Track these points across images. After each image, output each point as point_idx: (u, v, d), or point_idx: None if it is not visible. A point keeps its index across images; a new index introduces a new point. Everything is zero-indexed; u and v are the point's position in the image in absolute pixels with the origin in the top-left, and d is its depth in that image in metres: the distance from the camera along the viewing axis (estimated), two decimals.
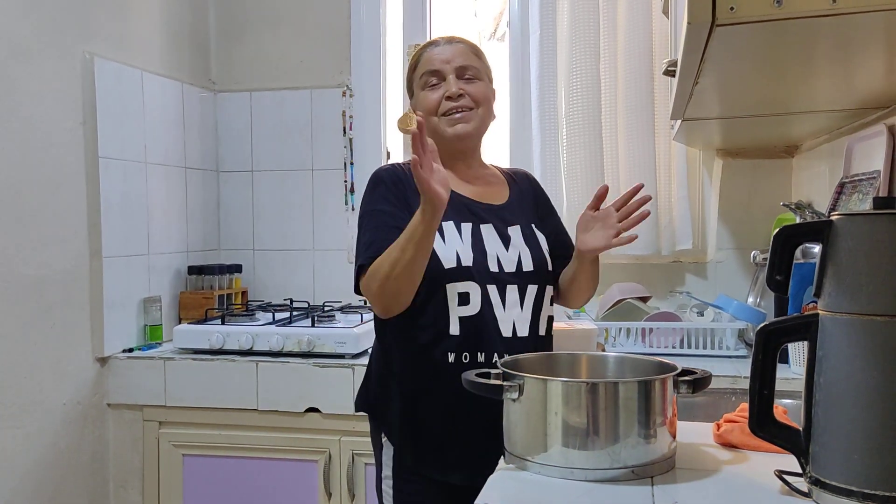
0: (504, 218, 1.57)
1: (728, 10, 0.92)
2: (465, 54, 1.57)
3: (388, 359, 1.55)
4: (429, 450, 1.50)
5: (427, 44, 1.62)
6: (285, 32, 2.78)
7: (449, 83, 1.55)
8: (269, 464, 2.19)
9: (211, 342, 2.24)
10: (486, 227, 1.54)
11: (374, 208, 1.53)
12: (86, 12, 2.20)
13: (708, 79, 1.30)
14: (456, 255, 1.47)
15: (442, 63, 1.56)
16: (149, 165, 2.45)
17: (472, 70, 1.57)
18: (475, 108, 1.56)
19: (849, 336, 0.87)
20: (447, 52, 1.57)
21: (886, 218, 0.86)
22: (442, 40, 1.60)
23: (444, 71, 1.55)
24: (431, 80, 1.56)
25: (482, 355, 1.47)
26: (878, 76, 1.35)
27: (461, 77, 1.56)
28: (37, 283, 2.04)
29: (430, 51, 1.58)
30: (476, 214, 1.55)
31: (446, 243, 1.48)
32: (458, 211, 1.52)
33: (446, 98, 1.54)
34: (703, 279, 2.56)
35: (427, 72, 1.57)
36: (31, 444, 2.03)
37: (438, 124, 1.55)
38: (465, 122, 1.55)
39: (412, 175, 1.37)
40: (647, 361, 1.23)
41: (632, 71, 2.46)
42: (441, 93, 1.55)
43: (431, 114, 1.55)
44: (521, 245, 1.55)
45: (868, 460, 0.85)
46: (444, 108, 1.55)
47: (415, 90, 1.62)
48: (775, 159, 2.47)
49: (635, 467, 1.04)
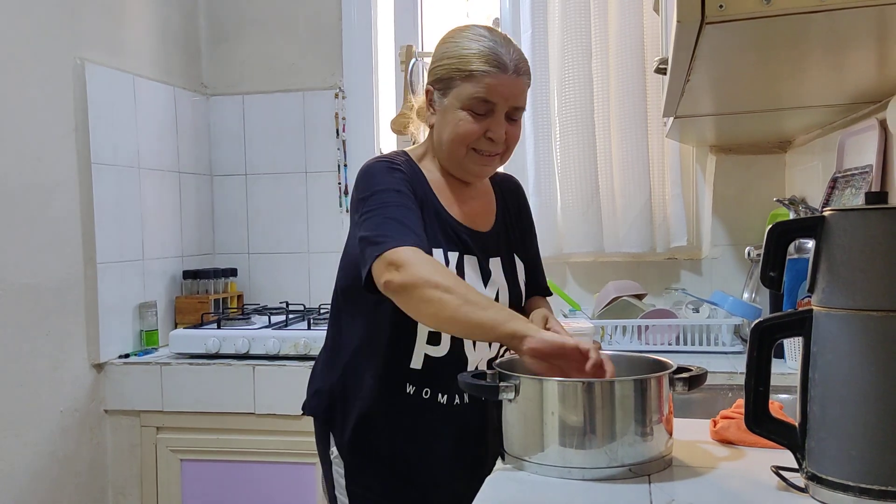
0: (487, 248, 1.44)
1: (717, 7, 0.92)
2: (524, 92, 1.39)
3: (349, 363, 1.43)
4: (377, 472, 1.42)
5: (493, 59, 1.34)
6: (277, 35, 2.78)
7: (498, 124, 1.36)
8: (267, 467, 2.18)
9: (207, 346, 2.24)
10: (470, 260, 1.40)
11: (395, 188, 1.33)
12: (76, 18, 2.20)
13: (699, 76, 1.30)
14: None
15: (501, 98, 1.35)
16: (142, 170, 2.44)
17: (521, 111, 1.40)
18: (504, 152, 1.41)
19: (843, 331, 0.87)
20: (510, 88, 1.35)
21: (879, 213, 0.86)
22: (510, 65, 1.34)
23: (498, 106, 1.35)
24: (479, 108, 1.35)
25: (443, 396, 1.40)
26: (869, 71, 1.35)
27: (509, 116, 1.38)
28: (31, 290, 2.03)
29: (497, 76, 1.34)
30: (463, 243, 1.40)
31: None
32: (447, 237, 1.38)
33: (488, 138, 1.36)
34: (699, 276, 2.56)
35: (480, 98, 1.34)
36: (29, 453, 2.03)
37: (464, 157, 1.38)
38: (489, 166, 1.42)
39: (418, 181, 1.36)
40: (642, 359, 1.23)
41: (623, 68, 2.46)
42: (482, 128, 1.35)
43: (464, 143, 1.37)
44: (501, 281, 1.44)
45: (864, 455, 0.85)
46: (478, 144, 1.37)
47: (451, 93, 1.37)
48: (768, 155, 2.47)
49: (632, 465, 1.05)
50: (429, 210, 1.38)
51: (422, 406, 1.40)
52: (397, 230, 1.26)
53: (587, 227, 2.51)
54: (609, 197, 2.53)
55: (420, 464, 1.43)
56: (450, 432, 1.43)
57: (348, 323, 1.45)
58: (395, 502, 1.45)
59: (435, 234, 1.35)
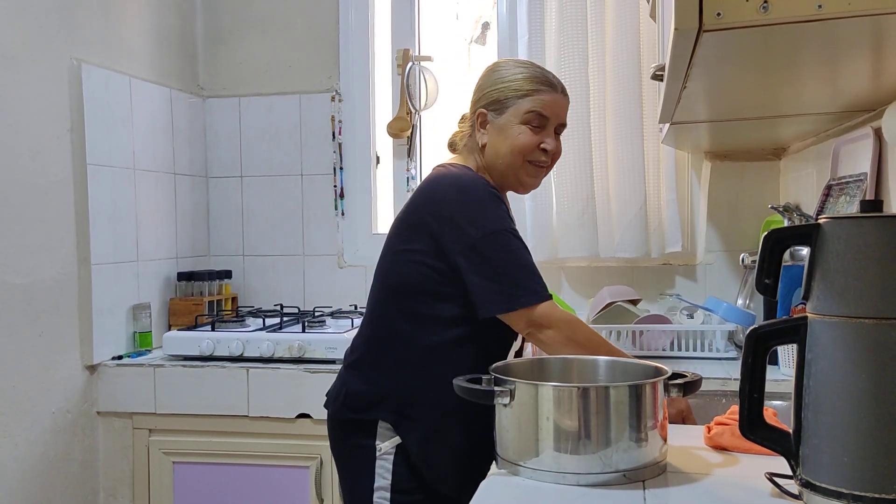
0: None
1: (715, 15, 0.92)
2: (567, 111, 1.59)
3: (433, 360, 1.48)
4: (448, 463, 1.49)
5: (545, 80, 1.55)
6: (274, 37, 2.78)
7: (550, 137, 1.55)
8: (260, 470, 2.18)
9: (201, 349, 2.23)
10: None
11: (512, 228, 1.49)
12: (73, 18, 2.19)
13: (696, 83, 1.30)
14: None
15: (553, 114, 1.54)
16: (137, 172, 2.44)
17: (564, 128, 1.59)
18: (551, 164, 1.58)
19: (837, 339, 0.87)
20: (561, 105, 1.56)
21: (874, 221, 0.86)
22: (558, 86, 1.57)
23: (551, 121, 1.54)
24: (535, 122, 1.53)
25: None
26: (864, 79, 1.36)
27: (556, 132, 1.57)
28: (25, 291, 2.02)
29: (551, 95, 1.54)
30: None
31: None
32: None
33: (542, 149, 1.54)
34: (693, 281, 2.57)
35: (538, 113, 1.52)
36: (20, 453, 2.02)
37: (520, 168, 1.54)
38: (540, 177, 1.59)
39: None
40: (637, 365, 1.23)
41: (620, 75, 2.46)
42: (538, 140, 1.53)
43: (521, 154, 1.53)
44: None
45: (858, 462, 0.85)
46: (534, 156, 1.54)
47: (509, 111, 1.53)
48: (763, 162, 2.48)
49: (627, 471, 1.05)
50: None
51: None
52: (531, 281, 1.43)
53: (582, 232, 2.51)
54: (604, 202, 2.53)
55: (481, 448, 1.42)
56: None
57: (411, 326, 1.49)
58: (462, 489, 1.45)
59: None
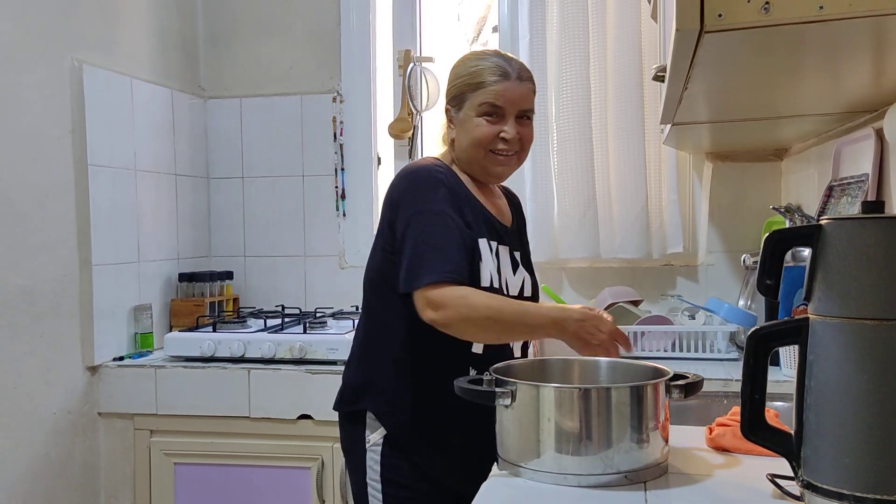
0: (513, 241, 1.61)
1: (716, 16, 0.92)
2: (529, 96, 1.55)
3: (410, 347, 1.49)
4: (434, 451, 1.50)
5: (497, 68, 1.52)
6: (275, 38, 2.78)
7: (509, 125, 1.52)
8: (261, 471, 2.18)
9: (202, 350, 2.23)
10: (503, 249, 1.55)
11: (440, 209, 1.44)
12: (74, 19, 2.20)
13: (697, 84, 1.30)
14: (490, 276, 1.48)
15: (508, 102, 1.51)
16: (139, 173, 2.44)
17: (531, 112, 1.56)
18: (519, 152, 1.56)
19: (839, 340, 0.87)
20: (517, 92, 1.52)
21: (875, 222, 0.86)
22: (512, 73, 1.52)
23: (507, 110, 1.51)
24: (491, 113, 1.51)
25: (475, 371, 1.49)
26: (866, 80, 1.36)
27: (519, 118, 1.53)
28: (26, 292, 2.02)
29: (501, 83, 1.51)
30: (499, 234, 1.56)
31: (483, 260, 1.48)
32: (490, 230, 1.53)
33: (502, 139, 1.52)
34: (694, 282, 2.57)
35: (490, 104, 1.51)
36: (22, 455, 2.02)
37: (483, 159, 1.53)
38: (508, 165, 1.56)
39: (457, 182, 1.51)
40: (638, 366, 1.23)
41: (621, 75, 2.46)
42: (497, 130, 1.51)
43: (482, 145, 1.52)
44: (523, 270, 1.59)
45: (859, 463, 0.85)
46: (494, 146, 1.52)
47: (465, 105, 1.53)
48: (764, 162, 2.48)
49: (628, 472, 1.05)
50: (473, 207, 1.52)
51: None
52: (436, 261, 1.39)
53: (583, 233, 2.51)
54: (605, 203, 2.53)
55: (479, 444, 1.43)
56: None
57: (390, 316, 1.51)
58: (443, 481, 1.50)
59: (480, 226, 1.49)
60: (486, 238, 1.50)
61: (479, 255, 1.47)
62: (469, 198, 1.53)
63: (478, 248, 1.47)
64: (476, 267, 1.45)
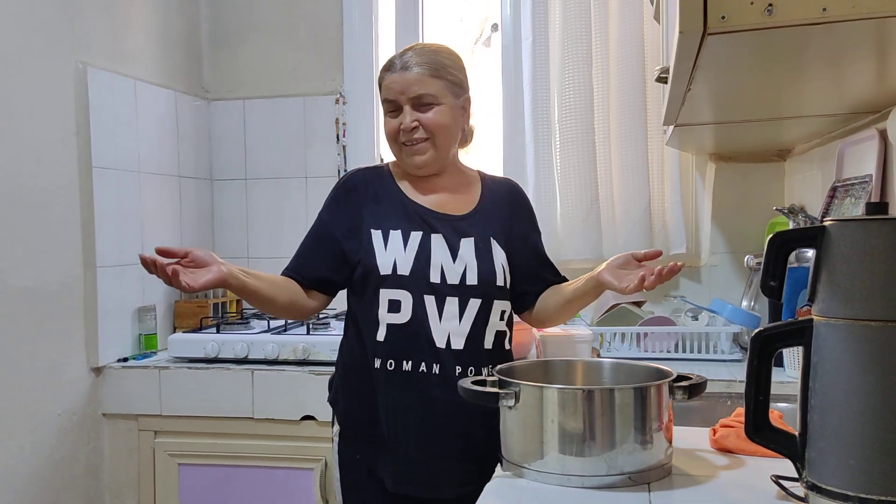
0: (460, 229, 1.57)
1: (719, 18, 0.92)
2: (421, 81, 1.52)
3: (344, 351, 1.65)
4: (359, 447, 1.59)
5: (386, 64, 1.58)
6: (278, 40, 2.79)
7: (404, 114, 1.53)
8: (265, 472, 2.18)
9: (206, 351, 2.24)
10: (437, 238, 1.54)
11: (319, 215, 1.65)
12: (78, 22, 2.20)
13: (700, 85, 1.30)
14: (393, 263, 1.51)
15: (397, 94, 1.53)
16: (142, 174, 2.44)
17: (428, 97, 1.53)
18: (430, 138, 1.54)
19: (843, 341, 0.87)
20: (401, 82, 1.53)
21: (879, 223, 0.86)
22: (398, 63, 1.54)
23: (399, 101, 1.54)
24: (389, 108, 1.56)
25: (408, 364, 1.51)
26: (869, 82, 1.36)
27: (418, 106, 1.53)
28: (31, 294, 2.03)
29: (388, 77, 1.55)
30: (428, 224, 1.55)
31: (387, 251, 1.52)
32: (410, 220, 1.56)
33: (402, 130, 1.54)
34: (698, 283, 2.56)
35: (385, 100, 1.56)
36: (26, 456, 2.02)
37: (399, 152, 1.58)
38: (420, 154, 1.55)
39: (378, 180, 1.59)
40: (642, 367, 1.23)
41: (624, 76, 2.47)
42: (398, 122, 1.54)
43: (392, 140, 1.57)
44: (470, 258, 1.54)
45: (864, 465, 0.85)
46: (401, 138, 1.55)
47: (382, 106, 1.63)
48: (768, 163, 2.48)
49: (632, 473, 1.05)
50: (393, 201, 1.59)
51: (389, 378, 1.52)
52: (293, 261, 1.61)
53: (586, 234, 2.51)
54: (608, 204, 2.53)
55: (395, 436, 1.53)
56: (420, 404, 1.52)
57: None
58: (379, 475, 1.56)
59: (399, 218, 1.56)
60: (401, 230, 1.54)
61: (369, 247, 1.53)
62: (390, 194, 1.60)
63: (363, 239, 1.55)
64: (369, 258, 1.53)
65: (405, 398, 1.52)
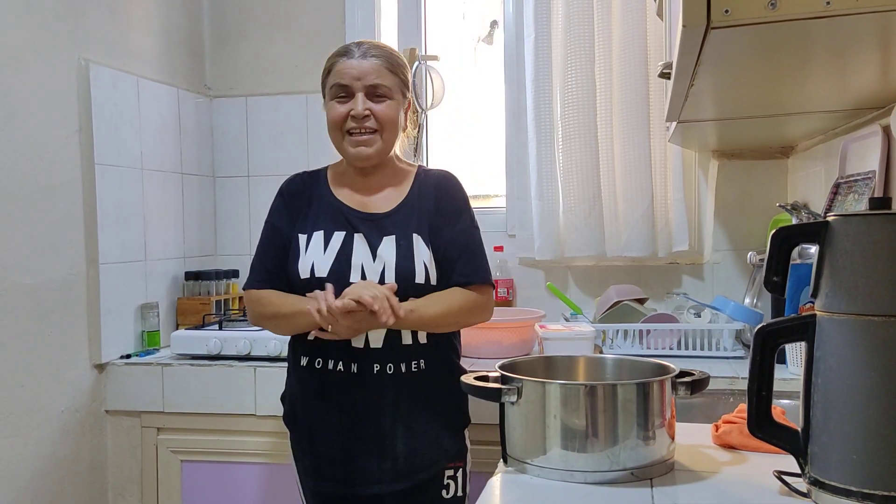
0: (382, 227, 1.56)
1: (723, 12, 0.92)
2: (378, 71, 1.53)
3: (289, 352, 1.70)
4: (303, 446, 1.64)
5: (342, 51, 1.58)
6: (280, 37, 2.78)
7: (356, 101, 1.53)
8: (268, 469, 2.18)
9: (209, 347, 2.24)
10: (358, 237, 1.55)
11: (268, 220, 1.65)
12: (81, 19, 2.20)
13: (703, 81, 1.30)
14: (311, 267, 1.53)
15: (352, 79, 1.53)
16: (145, 172, 2.45)
17: (383, 89, 1.54)
18: (379, 130, 1.54)
19: (846, 336, 0.87)
20: (359, 69, 1.53)
21: (882, 218, 0.86)
22: (357, 51, 1.55)
23: (353, 87, 1.53)
24: (339, 93, 1.55)
25: (332, 363, 1.54)
26: (873, 77, 1.36)
27: (371, 95, 1.53)
28: (33, 290, 2.03)
29: (344, 62, 1.55)
30: (351, 224, 1.56)
31: (306, 254, 1.54)
32: (334, 219, 1.57)
33: (351, 116, 1.53)
34: (700, 280, 2.56)
35: (337, 84, 1.55)
36: (29, 453, 2.03)
37: (343, 141, 1.58)
38: (366, 145, 1.55)
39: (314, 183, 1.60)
40: (644, 363, 1.23)
41: (626, 73, 2.46)
42: (347, 109, 1.54)
43: (336, 127, 1.57)
44: (389, 256, 1.53)
45: (867, 460, 0.85)
46: (348, 126, 1.54)
47: (325, 96, 1.61)
48: (771, 160, 2.48)
49: (634, 469, 1.05)
50: (322, 202, 1.61)
51: (317, 375, 1.56)
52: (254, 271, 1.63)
53: (589, 231, 2.51)
54: (611, 201, 2.53)
55: (323, 434, 1.58)
56: (338, 403, 1.55)
57: None
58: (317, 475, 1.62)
59: (324, 220, 1.58)
60: (323, 231, 1.56)
61: (295, 251, 1.56)
62: (321, 195, 1.61)
63: (293, 244, 1.57)
64: (293, 262, 1.56)
65: (327, 396, 1.56)
